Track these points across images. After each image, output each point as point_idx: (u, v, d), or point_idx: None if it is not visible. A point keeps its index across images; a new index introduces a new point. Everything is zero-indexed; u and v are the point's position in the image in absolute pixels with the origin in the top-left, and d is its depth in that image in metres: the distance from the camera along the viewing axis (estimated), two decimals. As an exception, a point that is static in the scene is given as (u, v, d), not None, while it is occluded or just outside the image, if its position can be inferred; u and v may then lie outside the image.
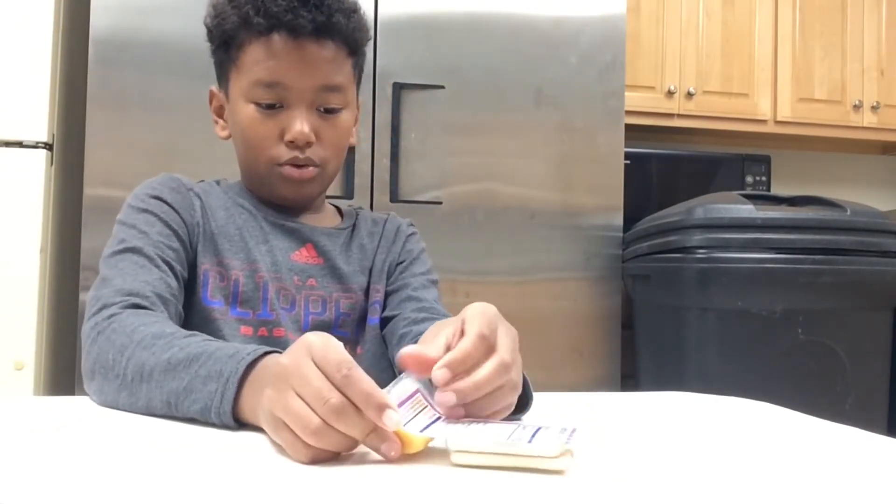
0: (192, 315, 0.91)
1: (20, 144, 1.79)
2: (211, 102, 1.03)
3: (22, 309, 1.76)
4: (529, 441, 0.52)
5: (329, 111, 0.95)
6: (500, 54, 2.04)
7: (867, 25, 2.75)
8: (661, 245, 2.00)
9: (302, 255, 0.98)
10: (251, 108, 0.93)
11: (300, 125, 0.92)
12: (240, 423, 0.64)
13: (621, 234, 2.13)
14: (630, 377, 2.17)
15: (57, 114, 1.87)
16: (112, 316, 0.78)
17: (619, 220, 2.12)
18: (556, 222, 2.07)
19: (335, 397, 0.52)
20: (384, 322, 1.02)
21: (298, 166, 0.94)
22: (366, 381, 0.53)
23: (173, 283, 0.87)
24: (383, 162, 1.97)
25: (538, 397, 0.73)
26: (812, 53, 2.71)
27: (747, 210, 1.90)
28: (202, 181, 1.03)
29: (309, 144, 0.93)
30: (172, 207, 0.93)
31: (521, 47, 2.06)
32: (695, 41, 2.60)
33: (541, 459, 0.52)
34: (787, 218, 1.91)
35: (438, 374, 0.58)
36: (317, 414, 0.53)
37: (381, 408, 0.53)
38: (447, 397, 0.57)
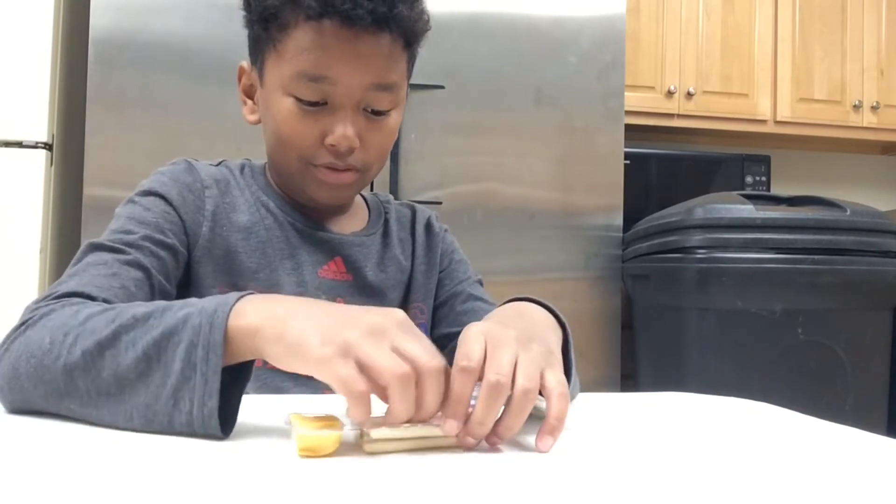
0: None
1: (20, 144, 1.79)
2: (240, 80, 0.92)
3: (22, 309, 1.76)
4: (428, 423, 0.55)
5: (377, 113, 0.84)
6: (500, 54, 2.04)
7: (867, 25, 2.75)
8: (661, 245, 2.00)
9: (330, 270, 0.90)
10: (290, 101, 0.82)
11: (344, 128, 0.82)
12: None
13: (621, 234, 2.13)
14: (630, 377, 2.17)
15: (57, 114, 1.87)
16: (45, 312, 0.70)
17: (619, 220, 2.12)
18: (556, 222, 2.07)
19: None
20: (441, 338, 0.97)
21: (337, 169, 0.85)
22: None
23: (142, 291, 0.78)
24: (383, 162, 1.96)
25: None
26: (812, 53, 2.71)
27: (747, 210, 1.90)
28: (221, 162, 0.94)
29: (351, 150, 0.83)
30: (175, 208, 0.85)
31: (521, 47, 2.06)
32: (695, 41, 2.60)
33: (446, 438, 0.55)
34: (786, 218, 1.91)
35: (448, 427, 0.55)
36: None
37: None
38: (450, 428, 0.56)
